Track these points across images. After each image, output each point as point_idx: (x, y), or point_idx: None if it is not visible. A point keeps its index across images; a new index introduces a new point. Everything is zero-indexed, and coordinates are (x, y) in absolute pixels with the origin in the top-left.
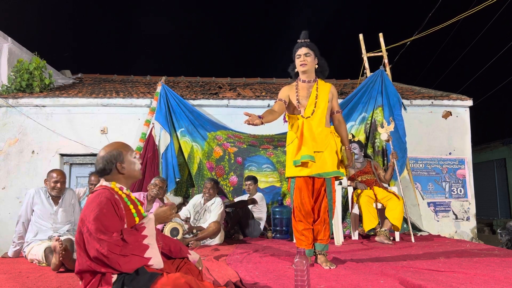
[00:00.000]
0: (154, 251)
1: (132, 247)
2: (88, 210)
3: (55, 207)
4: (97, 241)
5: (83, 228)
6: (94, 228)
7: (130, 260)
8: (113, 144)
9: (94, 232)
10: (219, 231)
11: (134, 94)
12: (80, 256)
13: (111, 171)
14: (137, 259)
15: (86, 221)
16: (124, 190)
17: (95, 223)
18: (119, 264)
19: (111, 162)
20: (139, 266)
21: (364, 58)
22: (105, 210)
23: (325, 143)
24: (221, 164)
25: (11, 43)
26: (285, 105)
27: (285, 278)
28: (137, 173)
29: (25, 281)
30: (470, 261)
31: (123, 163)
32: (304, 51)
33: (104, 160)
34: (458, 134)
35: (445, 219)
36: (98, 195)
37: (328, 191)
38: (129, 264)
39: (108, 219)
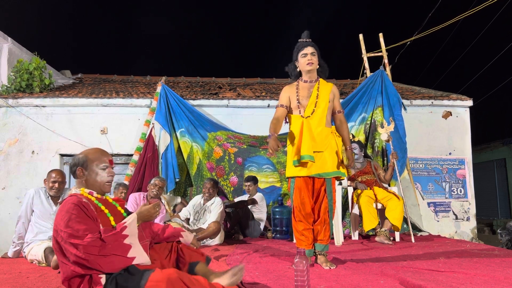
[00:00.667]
0: (137, 249)
1: (112, 247)
2: (58, 218)
3: (54, 207)
4: (73, 246)
5: (58, 237)
6: (67, 234)
7: (111, 260)
8: (87, 150)
9: (67, 238)
10: (219, 231)
11: (134, 94)
12: (62, 264)
13: (75, 175)
14: (119, 259)
15: (59, 230)
16: (94, 194)
17: (67, 230)
18: (99, 265)
19: (75, 165)
20: (123, 266)
21: (364, 58)
22: (74, 215)
23: (325, 143)
24: (221, 164)
25: (11, 43)
26: (287, 110)
27: (285, 278)
28: (101, 185)
29: (25, 281)
30: (470, 261)
31: (85, 170)
32: (311, 50)
33: (72, 161)
34: (458, 134)
35: (445, 219)
36: (66, 203)
37: (328, 191)
38: (111, 264)
39: (79, 223)
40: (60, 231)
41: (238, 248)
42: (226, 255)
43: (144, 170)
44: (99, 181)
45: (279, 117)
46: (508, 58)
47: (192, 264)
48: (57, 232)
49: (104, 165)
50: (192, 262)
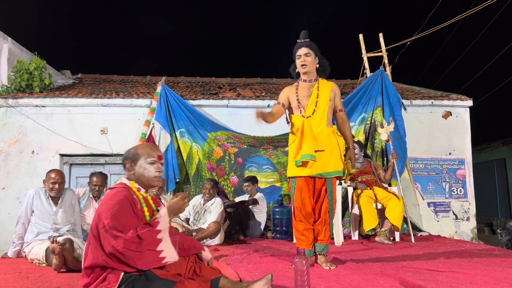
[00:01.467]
0: (167, 244)
1: (147, 243)
2: (106, 206)
3: (55, 208)
4: (113, 238)
5: (99, 223)
6: (111, 225)
7: (144, 256)
8: (140, 145)
9: (110, 228)
10: (219, 231)
11: (134, 94)
12: (95, 250)
13: (124, 168)
14: (151, 253)
15: (103, 217)
16: (141, 192)
17: (112, 220)
18: (134, 261)
19: (125, 159)
20: (153, 262)
21: (364, 58)
22: (123, 208)
23: (326, 142)
24: (221, 164)
25: (11, 43)
26: (283, 108)
27: (285, 278)
28: (147, 181)
29: (25, 281)
30: (470, 261)
31: (134, 164)
32: (304, 51)
33: (124, 155)
34: (458, 134)
35: (445, 219)
36: (117, 192)
37: (329, 191)
38: (143, 260)
39: (125, 218)
40: (105, 218)
41: (238, 248)
42: (226, 255)
43: None
44: (146, 175)
45: (274, 114)
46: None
47: (213, 282)
48: (100, 218)
49: (152, 159)
50: (213, 278)
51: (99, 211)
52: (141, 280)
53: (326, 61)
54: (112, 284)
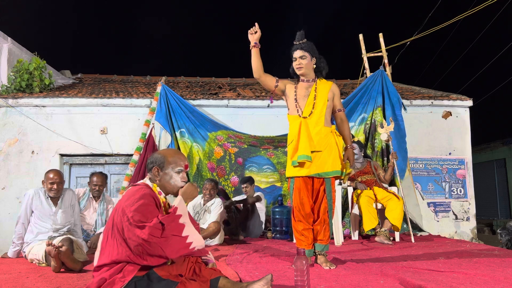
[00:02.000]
0: (191, 229)
1: (170, 228)
2: (129, 201)
3: (54, 208)
4: (139, 228)
5: (123, 217)
6: (136, 218)
7: (171, 242)
8: (168, 151)
9: (135, 221)
10: (219, 231)
11: (134, 94)
12: (120, 245)
13: (150, 172)
14: (177, 239)
15: (127, 211)
16: (162, 196)
17: (136, 213)
18: (162, 249)
19: (152, 163)
20: (182, 248)
21: (364, 58)
22: (147, 202)
23: (323, 143)
24: (222, 164)
25: (11, 43)
26: (275, 83)
27: (285, 278)
28: (172, 188)
29: (25, 281)
30: (470, 261)
31: (160, 170)
32: (299, 54)
33: (150, 159)
34: (458, 134)
35: (445, 219)
36: (140, 189)
37: (327, 191)
38: (171, 247)
39: (150, 211)
40: (129, 212)
41: (238, 248)
42: (226, 255)
43: (144, 170)
44: (172, 184)
45: (266, 75)
46: (508, 58)
47: (213, 282)
48: (124, 213)
49: (179, 168)
50: (213, 279)
51: (122, 205)
52: (144, 281)
53: (323, 60)
54: (126, 277)
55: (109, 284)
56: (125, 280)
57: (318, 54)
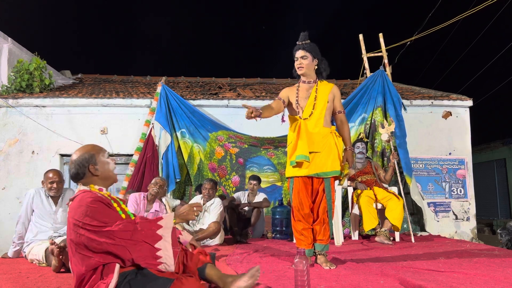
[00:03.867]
0: (166, 244)
1: (144, 234)
2: (78, 213)
3: (54, 207)
4: (104, 235)
5: (80, 231)
6: (95, 226)
7: (139, 247)
8: (84, 147)
9: (96, 228)
10: (219, 231)
11: (134, 95)
12: (84, 258)
13: (85, 175)
14: (147, 247)
15: (82, 223)
16: (104, 191)
17: (93, 222)
18: (129, 251)
19: (83, 165)
20: (148, 257)
21: (364, 58)
22: (97, 208)
23: (322, 144)
24: (223, 164)
25: (11, 43)
26: (283, 104)
27: (285, 278)
28: (112, 174)
29: (25, 281)
30: (470, 261)
31: (96, 164)
32: (301, 54)
33: (76, 164)
34: (458, 134)
35: (445, 219)
36: (82, 198)
37: (327, 191)
38: (138, 252)
39: (104, 214)
40: (84, 224)
41: (238, 248)
42: (226, 255)
43: (144, 170)
44: (111, 169)
45: (272, 106)
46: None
47: (200, 269)
48: (79, 227)
49: (107, 153)
50: (200, 267)
51: (72, 222)
52: (138, 279)
53: (325, 62)
54: (109, 277)
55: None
56: (107, 280)
57: (320, 56)
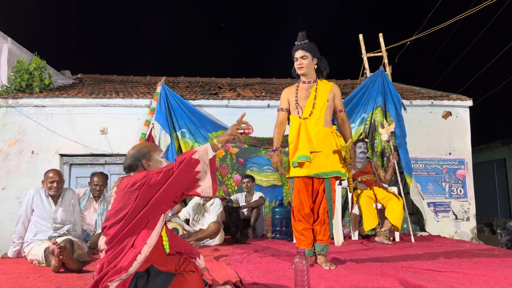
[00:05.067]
0: (204, 166)
1: (184, 163)
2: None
3: (54, 207)
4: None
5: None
6: (152, 172)
7: (185, 175)
8: (143, 144)
9: (156, 174)
10: (219, 231)
11: (134, 95)
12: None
13: (137, 168)
14: (190, 174)
15: (150, 174)
16: None
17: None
18: (181, 182)
19: (138, 159)
20: (190, 182)
21: (364, 58)
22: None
23: (323, 143)
24: (224, 163)
25: (11, 43)
26: (287, 112)
27: (285, 279)
28: None
29: (25, 281)
30: (470, 261)
31: (149, 161)
32: (300, 54)
33: (132, 157)
34: (458, 134)
35: (445, 219)
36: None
37: (327, 192)
38: (185, 180)
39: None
40: (147, 176)
41: (238, 248)
42: (226, 255)
43: None
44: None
45: (282, 122)
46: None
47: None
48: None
49: (162, 154)
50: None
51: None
52: (144, 276)
53: (325, 61)
54: (138, 248)
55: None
56: (136, 250)
57: (319, 55)
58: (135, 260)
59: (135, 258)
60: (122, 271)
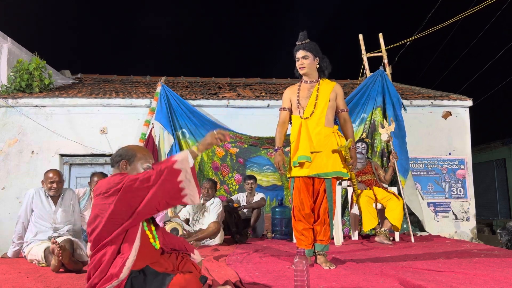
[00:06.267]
0: (186, 175)
1: (165, 172)
2: (110, 183)
3: (54, 207)
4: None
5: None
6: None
7: (165, 186)
8: (136, 147)
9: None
10: (219, 231)
11: (133, 94)
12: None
13: (115, 165)
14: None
15: (126, 180)
16: None
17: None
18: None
19: (120, 156)
20: (173, 193)
21: (364, 58)
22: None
23: (323, 144)
24: (225, 163)
25: (10, 43)
26: (289, 112)
27: (284, 279)
28: None
29: (25, 281)
30: (470, 261)
31: (128, 164)
32: (302, 54)
33: (117, 153)
34: (458, 134)
35: (445, 219)
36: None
37: (328, 192)
38: (165, 192)
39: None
40: (116, 184)
41: (238, 248)
42: (226, 255)
43: None
44: None
45: (284, 121)
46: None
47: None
48: (112, 191)
49: (147, 165)
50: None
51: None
52: (140, 277)
53: (326, 60)
54: (125, 253)
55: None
56: (125, 255)
57: (321, 54)
58: (125, 265)
59: (124, 263)
60: (113, 277)
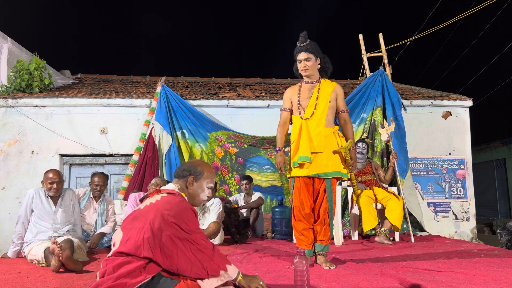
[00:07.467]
0: (217, 281)
1: (216, 261)
2: (172, 212)
3: (54, 208)
4: (190, 239)
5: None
6: (184, 228)
7: (207, 265)
8: (206, 164)
9: (185, 233)
10: (219, 231)
11: (133, 95)
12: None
13: (182, 179)
14: (208, 267)
15: (178, 221)
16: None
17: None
18: (198, 263)
19: (189, 171)
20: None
21: (364, 58)
22: (193, 215)
23: (323, 144)
24: (224, 163)
25: (10, 43)
26: (290, 112)
27: (285, 279)
28: (198, 201)
29: (25, 281)
30: (470, 261)
31: (195, 181)
32: (304, 56)
33: (186, 167)
34: (458, 134)
35: (445, 219)
36: (181, 202)
37: (328, 192)
38: (203, 268)
39: (193, 222)
40: (174, 224)
41: (238, 248)
42: (226, 255)
43: (145, 171)
44: (200, 197)
45: (285, 122)
46: (508, 58)
47: None
48: (168, 223)
49: (211, 185)
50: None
51: (162, 214)
52: (150, 283)
53: (327, 60)
54: (149, 274)
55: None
56: (146, 276)
57: (322, 54)
58: (143, 281)
59: (143, 280)
60: (127, 286)
